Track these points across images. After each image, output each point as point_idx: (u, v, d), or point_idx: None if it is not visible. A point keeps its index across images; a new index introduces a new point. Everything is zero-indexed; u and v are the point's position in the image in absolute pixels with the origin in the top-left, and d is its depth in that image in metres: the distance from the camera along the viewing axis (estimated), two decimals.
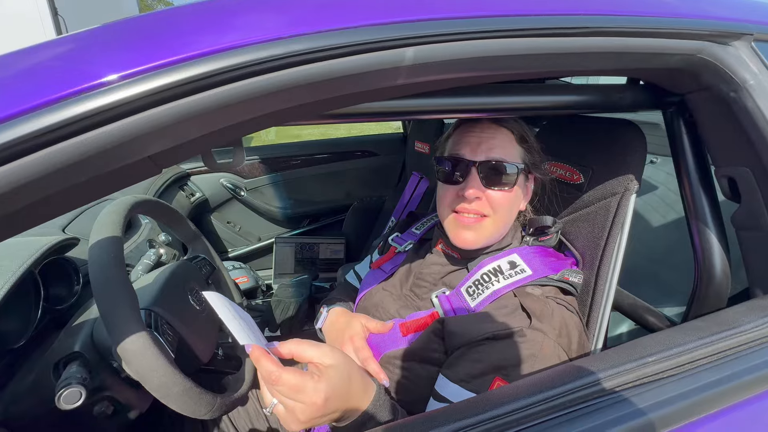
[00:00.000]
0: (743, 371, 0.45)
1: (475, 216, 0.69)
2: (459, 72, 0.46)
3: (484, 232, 0.70)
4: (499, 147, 0.69)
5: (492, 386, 0.56)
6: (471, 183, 0.68)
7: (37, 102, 0.31)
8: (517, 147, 0.72)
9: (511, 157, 0.70)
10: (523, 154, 0.72)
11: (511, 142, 0.71)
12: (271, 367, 0.43)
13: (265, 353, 0.43)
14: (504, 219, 0.71)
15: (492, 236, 0.71)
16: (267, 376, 0.43)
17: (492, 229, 0.70)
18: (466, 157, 0.69)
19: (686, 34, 0.53)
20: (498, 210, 0.69)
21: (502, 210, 0.69)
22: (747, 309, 0.56)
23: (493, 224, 0.70)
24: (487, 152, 0.69)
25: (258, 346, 0.43)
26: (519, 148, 0.72)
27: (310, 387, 0.43)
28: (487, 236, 0.71)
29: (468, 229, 0.69)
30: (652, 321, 0.89)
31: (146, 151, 0.36)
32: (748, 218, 0.64)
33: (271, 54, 0.36)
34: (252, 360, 0.43)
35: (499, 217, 0.70)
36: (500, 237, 0.73)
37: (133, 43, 0.35)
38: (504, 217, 0.71)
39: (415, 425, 0.41)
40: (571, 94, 0.68)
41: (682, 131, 0.72)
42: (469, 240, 0.70)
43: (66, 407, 0.58)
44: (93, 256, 0.58)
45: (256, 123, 0.42)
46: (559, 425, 0.39)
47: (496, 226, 0.70)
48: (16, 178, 0.32)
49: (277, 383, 0.43)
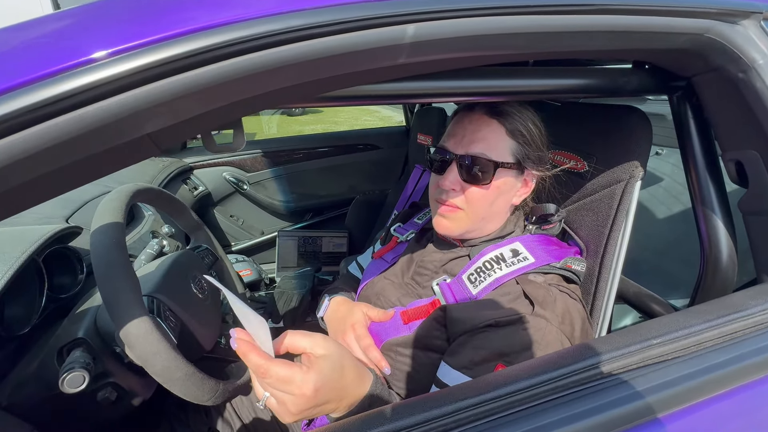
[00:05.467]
0: (750, 353, 0.44)
1: (450, 207, 0.69)
2: (461, 51, 0.45)
3: (460, 223, 0.70)
4: (482, 141, 0.67)
5: None
6: (448, 175, 0.68)
7: (33, 76, 0.31)
8: (508, 141, 0.68)
9: (496, 152, 0.67)
10: (516, 147, 0.68)
11: (499, 135, 0.68)
12: (259, 360, 0.42)
13: (253, 347, 0.42)
14: (480, 214, 0.69)
15: (470, 228, 0.70)
16: (255, 369, 0.42)
17: (467, 221, 0.70)
18: (449, 149, 0.69)
19: (693, 12, 0.52)
20: (472, 204, 0.68)
21: (477, 205, 0.68)
22: (755, 293, 0.55)
23: (467, 217, 0.69)
24: (468, 146, 0.68)
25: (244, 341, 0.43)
26: (510, 141, 0.68)
27: (299, 378, 0.43)
28: (464, 227, 0.70)
29: (444, 218, 0.70)
30: (657, 310, 0.88)
31: (144, 129, 0.36)
32: (756, 202, 0.63)
33: (268, 29, 0.36)
34: (239, 355, 0.43)
35: (473, 211, 0.69)
36: (487, 228, 0.72)
37: (131, 17, 0.35)
38: (480, 211, 0.69)
39: (415, 405, 0.40)
40: (576, 77, 0.67)
41: (688, 116, 0.70)
42: (445, 227, 0.71)
43: (69, 391, 0.58)
44: (95, 242, 0.59)
45: (256, 102, 0.42)
46: (561, 405, 0.39)
47: (471, 219, 0.70)
48: (11, 154, 0.32)
49: (266, 376, 0.42)
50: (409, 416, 0.39)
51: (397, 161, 2.08)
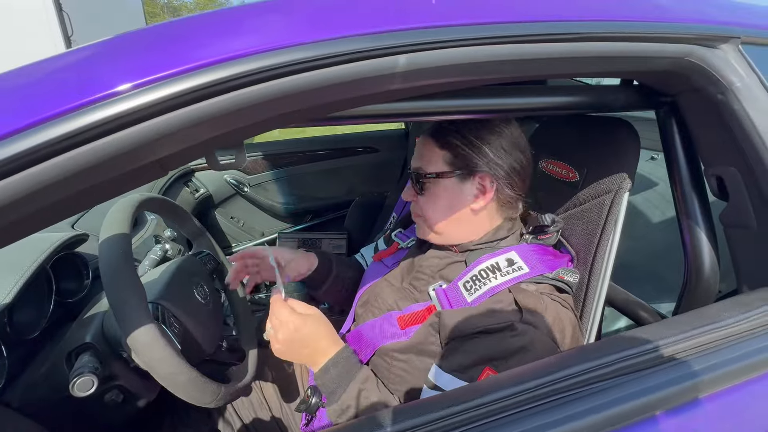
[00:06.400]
0: (721, 363, 0.47)
1: (415, 215, 0.79)
2: (451, 77, 0.48)
3: (425, 230, 0.78)
4: (421, 156, 0.75)
5: (482, 375, 0.59)
6: (407, 188, 0.78)
7: (51, 113, 0.34)
8: (438, 152, 0.72)
9: (431, 164, 0.73)
10: (448, 157, 0.71)
11: (432, 150, 0.73)
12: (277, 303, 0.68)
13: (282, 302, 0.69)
14: (436, 219, 0.74)
15: (438, 233, 0.76)
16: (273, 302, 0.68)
17: (428, 228, 0.76)
18: (410, 165, 0.78)
19: (674, 38, 0.54)
20: (425, 212, 0.75)
21: (429, 212, 0.75)
22: (731, 304, 0.58)
23: (426, 224, 0.76)
24: (415, 161, 0.76)
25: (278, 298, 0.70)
26: (442, 152, 0.72)
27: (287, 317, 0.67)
28: (429, 233, 0.77)
29: (417, 225, 0.80)
30: (644, 316, 0.91)
31: (155, 155, 0.39)
32: (736, 216, 0.65)
33: (273, 63, 0.39)
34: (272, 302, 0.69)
35: (429, 218, 0.75)
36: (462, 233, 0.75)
37: (145, 52, 0.38)
38: (435, 217, 0.74)
39: (409, 410, 0.43)
40: (566, 95, 0.70)
41: (674, 131, 0.73)
42: (419, 232, 0.80)
43: (79, 395, 0.61)
44: (103, 253, 0.61)
45: (261, 126, 0.45)
46: (540, 413, 0.42)
47: (430, 226, 0.75)
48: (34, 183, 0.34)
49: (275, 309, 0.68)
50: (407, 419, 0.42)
51: (396, 164, 2.11)
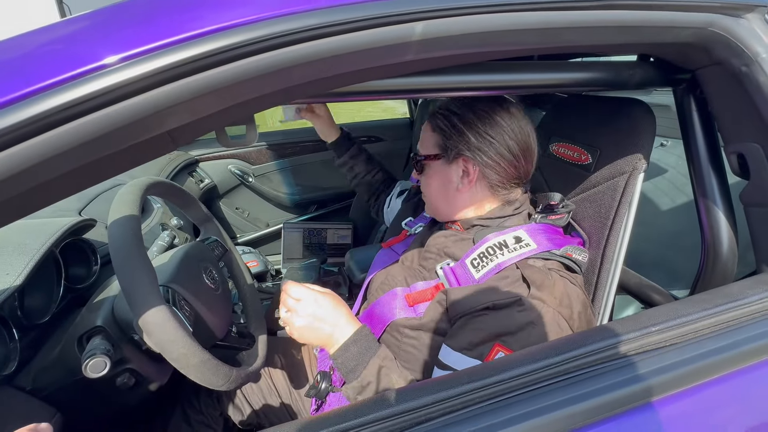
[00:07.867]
0: (745, 340, 0.46)
1: (421, 193, 0.84)
2: (468, 47, 0.46)
3: (429, 207, 0.83)
4: (421, 140, 0.80)
5: (491, 352, 0.58)
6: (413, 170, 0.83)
7: (60, 77, 0.32)
8: (433, 136, 0.77)
9: (425, 147, 0.78)
10: (439, 140, 0.75)
11: (427, 132, 0.78)
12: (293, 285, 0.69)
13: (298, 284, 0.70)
14: (435, 198, 0.80)
15: (439, 210, 0.80)
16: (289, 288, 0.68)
17: (430, 205, 0.82)
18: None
19: (697, 6, 0.52)
20: (425, 191, 0.81)
21: (427, 192, 0.81)
22: (753, 283, 0.56)
23: (428, 202, 0.82)
24: (418, 145, 0.81)
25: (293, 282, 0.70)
26: (435, 136, 0.76)
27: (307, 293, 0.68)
28: (432, 210, 0.82)
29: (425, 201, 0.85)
30: (657, 299, 0.90)
31: (165, 126, 0.37)
32: (758, 194, 0.64)
33: (283, 29, 0.37)
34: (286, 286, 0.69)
35: (429, 197, 0.81)
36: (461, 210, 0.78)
37: (151, 20, 0.36)
38: (433, 196, 0.80)
39: (425, 388, 0.43)
40: (581, 71, 0.68)
41: (692, 109, 0.71)
42: (426, 208, 0.85)
43: (92, 376, 0.61)
44: (113, 234, 0.60)
45: (269, 99, 0.43)
46: (561, 389, 0.41)
47: (431, 203, 0.81)
48: (41, 152, 0.33)
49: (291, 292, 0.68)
50: (417, 398, 0.42)
51: (401, 153, 2.09)
